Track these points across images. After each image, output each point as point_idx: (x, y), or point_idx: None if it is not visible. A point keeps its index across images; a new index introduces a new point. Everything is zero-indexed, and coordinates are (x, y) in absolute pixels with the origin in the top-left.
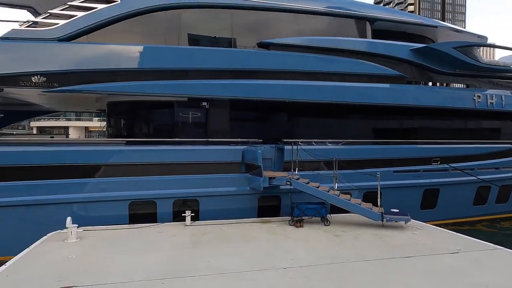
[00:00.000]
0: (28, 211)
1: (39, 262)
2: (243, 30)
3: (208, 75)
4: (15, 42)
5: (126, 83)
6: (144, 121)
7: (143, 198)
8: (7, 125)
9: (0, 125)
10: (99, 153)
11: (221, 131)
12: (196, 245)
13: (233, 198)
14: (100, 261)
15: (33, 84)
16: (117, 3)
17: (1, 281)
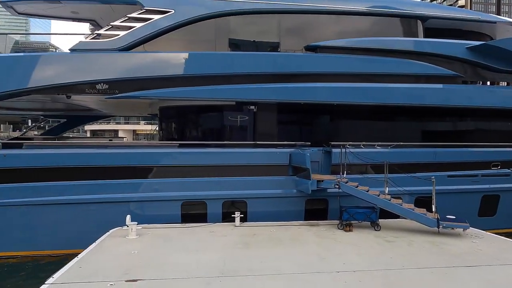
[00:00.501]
0: (92, 208)
1: (106, 256)
2: (290, 34)
3: (256, 79)
4: (82, 53)
5: (178, 88)
6: (194, 125)
7: (194, 198)
8: (69, 129)
9: (64, 129)
10: (154, 155)
11: (269, 134)
12: (248, 246)
13: (280, 201)
14: (160, 257)
15: (97, 91)
16: (171, 13)
17: (76, 272)
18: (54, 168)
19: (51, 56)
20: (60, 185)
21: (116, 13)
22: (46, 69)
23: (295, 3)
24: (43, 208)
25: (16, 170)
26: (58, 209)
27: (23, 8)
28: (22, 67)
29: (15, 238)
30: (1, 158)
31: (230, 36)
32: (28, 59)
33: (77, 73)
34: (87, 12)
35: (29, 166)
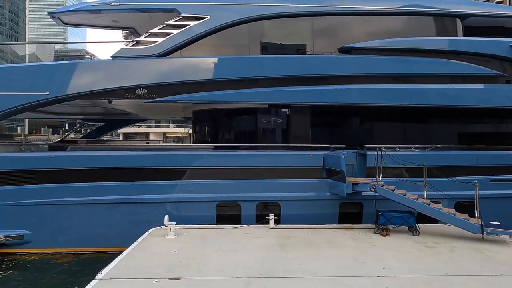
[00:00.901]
0: (131, 208)
1: (148, 254)
2: (323, 36)
3: (289, 82)
4: (123, 59)
5: (213, 92)
6: (227, 128)
7: (229, 200)
8: (107, 133)
9: (102, 132)
10: (190, 157)
11: (302, 137)
12: (284, 248)
13: (314, 203)
14: (199, 257)
15: (136, 96)
16: (206, 19)
17: (122, 268)
18: (97, 170)
19: (96, 63)
20: (102, 185)
21: (154, 20)
22: (92, 75)
23: (328, 5)
24: (86, 208)
25: (62, 171)
26: (100, 209)
27: (68, 18)
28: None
29: (60, 236)
30: (49, 159)
31: (264, 40)
32: (78, 66)
33: (119, 79)
34: (127, 21)
35: (74, 168)
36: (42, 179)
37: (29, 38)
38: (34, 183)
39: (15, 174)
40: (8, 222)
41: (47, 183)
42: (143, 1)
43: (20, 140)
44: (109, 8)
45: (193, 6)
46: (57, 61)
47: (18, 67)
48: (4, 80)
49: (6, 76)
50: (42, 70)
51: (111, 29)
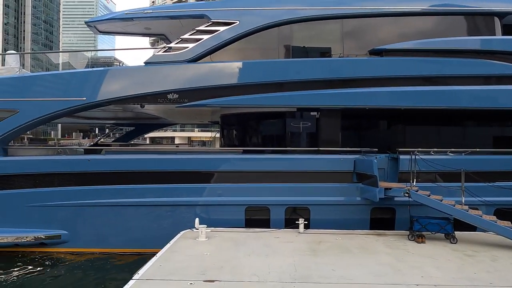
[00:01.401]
0: (162, 211)
1: (181, 256)
2: (353, 39)
3: (319, 85)
4: (156, 65)
5: (243, 96)
6: (255, 131)
7: (258, 204)
8: (136, 137)
9: (131, 137)
10: (220, 161)
11: (332, 140)
12: (316, 253)
13: (344, 208)
14: (232, 260)
15: (168, 101)
16: (236, 24)
17: (157, 270)
18: (131, 172)
19: (130, 69)
20: (135, 188)
21: (185, 27)
22: (125, 81)
23: (358, 7)
24: (119, 209)
25: (98, 174)
26: (133, 211)
27: (103, 27)
28: (108, 79)
29: (95, 236)
30: (86, 163)
31: (293, 43)
32: (112, 72)
33: (151, 84)
34: (158, 28)
35: (110, 170)
36: (79, 181)
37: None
38: (71, 185)
39: (55, 176)
40: (48, 222)
41: (84, 185)
42: (174, 8)
43: (53, 144)
44: (142, 16)
45: (223, 12)
46: (93, 68)
47: (57, 74)
48: (44, 87)
49: (46, 83)
50: (79, 77)
51: (143, 36)
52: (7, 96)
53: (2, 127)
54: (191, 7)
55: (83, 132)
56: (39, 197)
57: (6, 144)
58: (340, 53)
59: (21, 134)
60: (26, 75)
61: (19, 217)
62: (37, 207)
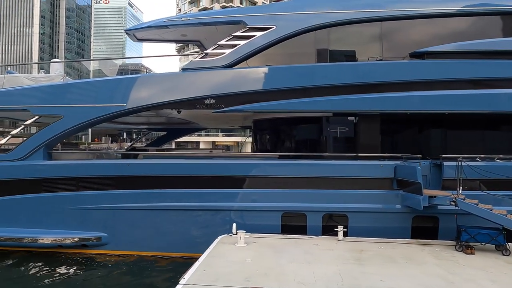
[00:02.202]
0: (198, 215)
1: (224, 261)
2: (393, 42)
3: (358, 89)
4: (193, 71)
5: (280, 101)
6: (290, 136)
7: (294, 210)
8: (168, 141)
9: (163, 141)
10: (256, 166)
11: (371, 146)
12: (360, 262)
13: (384, 216)
14: (275, 267)
15: (205, 106)
16: (272, 29)
17: (202, 275)
18: (168, 177)
19: (168, 75)
20: (172, 192)
21: (220, 33)
22: (163, 87)
23: (397, 9)
24: (156, 213)
25: (137, 178)
26: (170, 215)
27: (141, 34)
28: (147, 86)
29: (133, 239)
30: (125, 167)
31: (330, 47)
32: (151, 79)
33: (189, 90)
34: (194, 34)
35: (148, 175)
36: (119, 185)
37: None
38: (111, 189)
39: (96, 179)
40: (89, 225)
41: (123, 189)
42: (211, 15)
43: (84, 148)
44: (180, 23)
45: (259, 17)
46: (133, 75)
47: (99, 81)
48: (86, 93)
49: (88, 90)
50: (119, 83)
51: (179, 42)
52: (52, 103)
53: (48, 132)
54: (228, 13)
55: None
56: (81, 200)
57: (50, 148)
58: (378, 57)
59: (64, 139)
60: (70, 82)
61: (62, 219)
62: (79, 209)
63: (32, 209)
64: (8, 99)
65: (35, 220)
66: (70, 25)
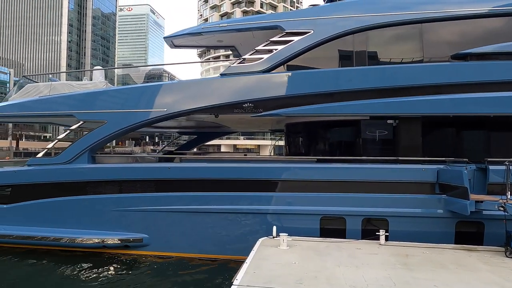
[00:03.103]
0: (237, 218)
1: (270, 264)
2: (434, 43)
3: (399, 92)
4: (231, 76)
5: (319, 105)
6: (325, 140)
7: (333, 213)
8: (198, 145)
9: (193, 145)
10: (294, 169)
11: (411, 149)
12: (408, 267)
13: (426, 221)
14: (323, 270)
15: (243, 111)
16: (310, 34)
17: (253, 276)
18: (208, 180)
19: (207, 81)
20: (212, 195)
21: (256, 38)
22: (203, 92)
23: (438, 10)
24: (195, 216)
25: (177, 181)
26: (209, 218)
27: (179, 41)
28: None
29: (173, 241)
30: (166, 170)
31: (369, 50)
32: (191, 84)
33: (228, 95)
34: (230, 40)
35: (188, 178)
36: (159, 187)
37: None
38: (152, 191)
39: (137, 182)
40: (131, 226)
41: (164, 192)
42: (248, 21)
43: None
44: (218, 29)
45: (296, 22)
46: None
47: (140, 87)
48: (128, 99)
49: (131, 96)
50: (160, 89)
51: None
52: (96, 108)
53: (92, 137)
54: (265, 19)
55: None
56: (123, 202)
57: (94, 152)
58: (419, 59)
59: (107, 143)
60: (113, 88)
61: (105, 220)
62: (121, 211)
63: (77, 210)
64: (55, 105)
65: (80, 221)
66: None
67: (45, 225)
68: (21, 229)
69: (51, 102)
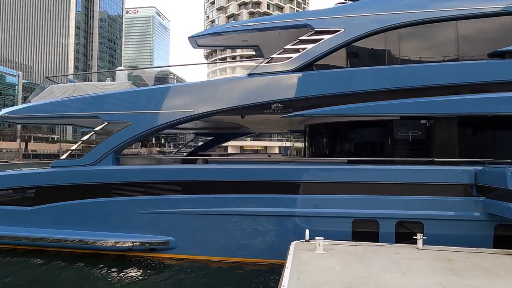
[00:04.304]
0: (266, 221)
1: (313, 269)
2: (469, 41)
3: (434, 92)
4: (259, 76)
5: (350, 105)
6: (351, 141)
7: (366, 216)
8: (215, 146)
9: (210, 146)
10: (325, 171)
11: (447, 150)
12: (456, 273)
13: (463, 224)
14: (368, 276)
15: (272, 111)
16: (341, 32)
17: (299, 282)
18: (236, 182)
19: (234, 81)
20: (240, 197)
21: (282, 38)
22: (230, 92)
23: (473, 7)
24: (223, 218)
25: (204, 183)
26: (236, 220)
27: (203, 41)
28: (214, 91)
29: (198, 244)
30: (193, 172)
31: (402, 49)
32: (218, 85)
33: (256, 95)
34: (255, 39)
35: (215, 180)
36: (186, 189)
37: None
38: (178, 193)
39: (164, 184)
40: (157, 229)
41: (190, 194)
42: (275, 19)
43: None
44: (244, 28)
45: (326, 20)
46: (199, 81)
47: (166, 88)
48: (154, 100)
49: (156, 96)
50: (186, 90)
51: (238, 48)
52: (122, 109)
53: (117, 138)
54: (293, 17)
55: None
56: (149, 204)
57: (119, 154)
58: (454, 57)
59: (131, 145)
60: (139, 89)
61: (130, 223)
62: (147, 214)
63: (102, 213)
64: (80, 106)
65: (104, 223)
66: (102, 35)
67: (69, 228)
68: (46, 232)
69: (74, 103)
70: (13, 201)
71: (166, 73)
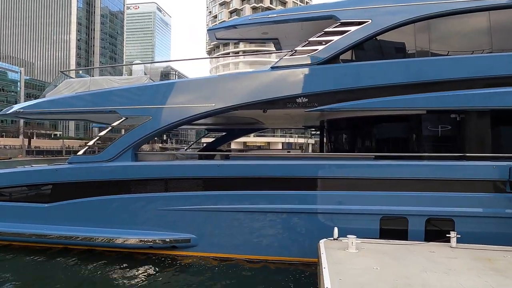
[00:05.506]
0: (289, 218)
1: (351, 269)
2: (503, 33)
3: (463, 85)
4: (283, 69)
5: (377, 99)
6: (373, 136)
7: (395, 213)
8: (226, 142)
9: (223, 142)
10: (353, 167)
11: (480, 146)
12: (502, 273)
13: (496, 221)
14: (411, 276)
15: (296, 105)
16: (368, 23)
17: (344, 284)
18: (259, 178)
19: (257, 74)
20: (263, 194)
21: (304, 30)
22: (253, 86)
23: None
24: (246, 215)
25: (227, 179)
26: (260, 217)
27: (222, 34)
28: (236, 85)
29: (221, 241)
30: (216, 168)
31: (432, 40)
32: (240, 78)
33: (279, 89)
34: (275, 32)
35: (238, 176)
36: (208, 186)
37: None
38: (200, 190)
39: (184, 181)
40: (178, 226)
41: (212, 190)
42: (299, 11)
43: None
44: (267, 20)
45: (353, 11)
46: (221, 74)
47: (186, 81)
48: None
49: (177, 91)
50: (207, 83)
51: (258, 41)
52: (141, 104)
53: (136, 133)
54: (317, 8)
55: None
56: (169, 201)
57: (137, 149)
58: (487, 49)
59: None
60: (158, 83)
61: (151, 220)
62: (168, 210)
63: (121, 210)
64: (97, 100)
65: (124, 220)
66: (104, 31)
67: (87, 225)
68: (63, 229)
69: (91, 98)
70: (27, 198)
71: (167, 69)
